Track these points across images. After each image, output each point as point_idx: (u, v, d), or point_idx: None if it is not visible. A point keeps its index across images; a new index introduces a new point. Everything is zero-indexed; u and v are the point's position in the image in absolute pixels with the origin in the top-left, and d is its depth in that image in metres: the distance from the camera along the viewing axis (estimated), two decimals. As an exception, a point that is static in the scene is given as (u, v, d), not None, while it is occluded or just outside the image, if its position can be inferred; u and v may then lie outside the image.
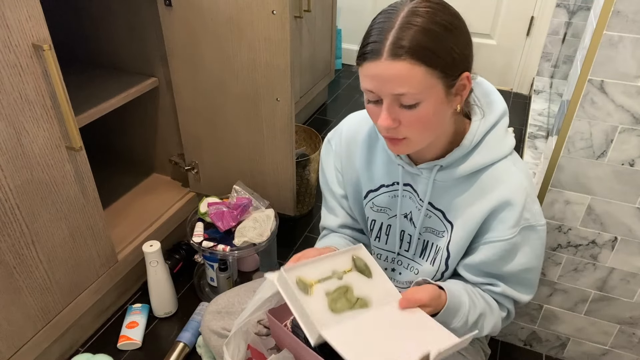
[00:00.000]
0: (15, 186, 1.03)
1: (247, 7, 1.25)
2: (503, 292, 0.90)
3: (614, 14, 0.92)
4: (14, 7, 0.93)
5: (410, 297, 0.78)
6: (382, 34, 0.72)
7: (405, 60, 0.71)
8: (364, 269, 0.82)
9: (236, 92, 1.40)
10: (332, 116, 2.67)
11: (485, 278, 0.91)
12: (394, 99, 0.75)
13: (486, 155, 0.85)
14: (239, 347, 0.93)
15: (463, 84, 0.78)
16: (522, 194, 0.83)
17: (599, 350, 1.36)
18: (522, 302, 0.93)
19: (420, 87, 0.72)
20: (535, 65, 2.77)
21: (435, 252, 0.94)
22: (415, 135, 0.79)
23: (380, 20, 0.75)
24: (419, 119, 0.76)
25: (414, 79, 0.72)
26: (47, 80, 1.03)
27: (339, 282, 0.78)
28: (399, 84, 0.72)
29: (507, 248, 0.85)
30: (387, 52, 0.71)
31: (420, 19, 0.71)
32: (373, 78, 0.74)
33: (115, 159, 1.80)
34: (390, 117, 0.76)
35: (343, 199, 1.04)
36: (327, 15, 2.36)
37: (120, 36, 1.50)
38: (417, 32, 0.71)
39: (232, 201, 1.48)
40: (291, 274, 0.75)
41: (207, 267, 1.51)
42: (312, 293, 0.75)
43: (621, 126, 1.02)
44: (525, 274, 0.89)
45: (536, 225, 0.86)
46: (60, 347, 1.34)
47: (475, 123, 0.85)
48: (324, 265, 0.78)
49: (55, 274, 1.19)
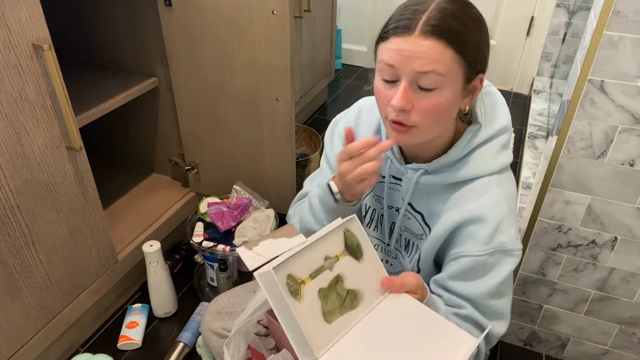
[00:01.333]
0: (15, 186, 1.03)
1: (247, 7, 1.25)
2: (471, 316, 0.84)
3: (614, 14, 0.92)
4: (14, 7, 0.93)
5: (398, 281, 0.76)
6: (415, 14, 0.72)
7: (437, 40, 0.71)
8: (356, 249, 0.79)
9: (236, 92, 1.40)
10: (332, 116, 2.65)
11: (452, 296, 0.86)
12: (413, 80, 0.73)
13: (472, 169, 0.83)
14: (239, 348, 0.93)
15: (475, 85, 0.78)
16: (496, 214, 0.81)
17: (599, 350, 1.36)
18: (494, 335, 0.87)
19: (445, 69, 0.72)
20: (535, 65, 2.77)
21: (414, 252, 0.95)
22: (425, 124, 0.77)
23: (411, 4, 0.75)
24: (434, 106, 0.75)
25: (442, 59, 0.72)
26: (47, 80, 1.03)
27: (331, 273, 0.74)
28: (427, 61, 0.71)
29: (475, 266, 0.82)
30: (419, 28, 0.71)
31: (455, 7, 0.73)
32: (399, 53, 0.73)
33: (115, 159, 1.80)
34: (405, 98, 0.74)
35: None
36: (327, 15, 2.36)
37: (120, 36, 1.50)
38: (451, 17, 0.72)
39: (232, 201, 1.48)
40: (281, 272, 0.68)
41: (207, 267, 1.51)
42: (303, 296, 0.70)
43: (621, 126, 1.02)
44: (494, 298, 0.84)
45: (512, 250, 0.82)
46: (60, 347, 1.34)
47: (469, 134, 0.84)
48: (315, 252, 0.74)
49: (55, 274, 1.19)
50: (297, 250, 0.71)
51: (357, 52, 3.20)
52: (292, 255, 0.70)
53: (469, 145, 0.83)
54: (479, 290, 0.83)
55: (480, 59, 0.76)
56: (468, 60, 0.74)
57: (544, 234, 1.22)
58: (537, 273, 1.29)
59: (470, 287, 0.84)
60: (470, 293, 0.84)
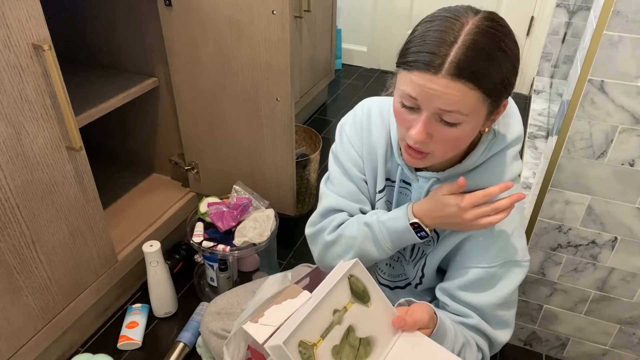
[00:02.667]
0: (15, 186, 1.03)
1: (247, 7, 1.25)
2: (477, 325, 0.85)
3: (614, 14, 0.92)
4: (14, 7, 0.93)
5: (410, 320, 0.75)
6: (442, 46, 0.67)
7: (466, 84, 0.67)
8: (362, 294, 0.77)
9: (236, 92, 1.40)
10: (332, 116, 2.67)
11: (460, 305, 0.86)
12: (435, 113, 0.71)
13: (484, 179, 0.82)
14: (239, 348, 0.93)
15: (499, 110, 0.76)
16: (508, 225, 0.81)
17: (599, 350, 1.36)
18: (498, 343, 0.87)
19: (469, 109, 0.70)
20: (535, 65, 2.77)
21: (420, 257, 0.94)
22: (441, 151, 0.76)
23: (438, 28, 0.69)
24: (455, 138, 0.73)
25: (467, 102, 0.69)
26: (47, 80, 1.03)
27: (341, 327, 0.72)
28: (452, 102, 0.68)
29: (485, 277, 0.82)
30: (447, 70, 0.67)
31: (487, 41, 0.68)
32: (423, 88, 0.69)
33: (115, 159, 1.80)
34: (425, 131, 0.72)
35: (363, 182, 0.97)
36: (327, 15, 2.36)
37: (120, 36, 1.50)
38: (482, 56, 0.67)
39: (232, 201, 1.48)
40: (291, 342, 0.66)
41: (207, 267, 1.51)
42: (317, 359, 0.68)
43: (621, 126, 1.02)
44: (501, 309, 0.85)
45: (521, 261, 0.83)
46: (60, 347, 1.34)
47: (484, 144, 0.82)
48: (323, 309, 0.71)
49: (55, 274, 1.19)
50: (304, 313, 0.69)
51: (357, 52, 3.20)
52: (301, 321, 0.68)
53: (483, 155, 0.82)
54: (488, 301, 0.83)
55: (508, 90, 0.73)
56: (494, 98, 0.71)
57: (544, 234, 1.22)
58: (537, 273, 1.29)
59: (479, 298, 0.84)
60: (479, 303, 0.84)
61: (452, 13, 0.70)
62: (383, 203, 0.96)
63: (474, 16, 0.69)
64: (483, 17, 0.69)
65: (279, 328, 0.68)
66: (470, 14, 0.70)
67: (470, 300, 0.84)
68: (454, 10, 0.71)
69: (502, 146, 0.83)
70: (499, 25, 0.70)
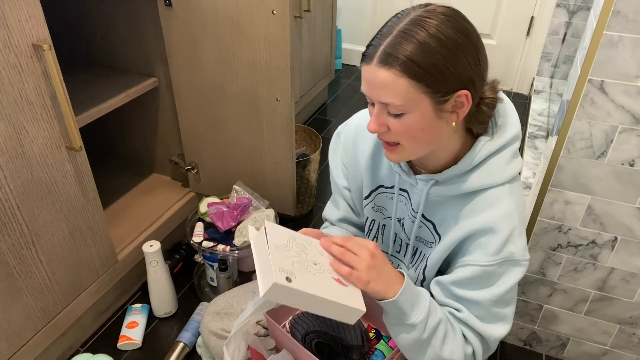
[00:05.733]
0: (15, 186, 1.03)
1: (247, 7, 1.25)
2: (464, 319, 0.84)
3: (614, 14, 0.92)
4: (14, 7, 0.93)
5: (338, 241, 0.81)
6: (381, 39, 0.73)
7: (391, 70, 0.71)
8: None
9: (236, 92, 1.40)
10: (332, 116, 2.67)
11: (452, 300, 0.86)
12: (382, 105, 0.75)
13: (483, 179, 0.82)
14: (239, 348, 0.93)
15: (461, 101, 0.75)
16: (508, 225, 0.81)
17: (599, 350, 1.36)
18: (492, 338, 0.86)
19: (402, 99, 0.72)
20: (535, 65, 2.77)
21: (420, 260, 0.94)
22: (406, 143, 0.79)
23: (387, 23, 0.75)
24: (406, 129, 0.76)
25: (397, 90, 0.72)
26: (47, 80, 1.03)
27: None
28: (384, 92, 0.73)
29: (482, 275, 0.82)
30: (377, 57, 0.72)
31: (420, 31, 0.70)
32: (365, 81, 0.75)
33: (115, 159, 1.80)
34: (377, 122, 0.77)
35: (345, 190, 1.04)
36: (327, 15, 2.36)
37: (120, 36, 1.50)
38: (410, 44, 0.70)
39: (232, 201, 1.48)
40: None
41: (207, 267, 1.51)
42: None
43: (621, 126, 1.02)
44: (496, 306, 0.84)
45: (521, 260, 0.82)
46: (60, 347, 1.34)
47: (479, 144, 0.82)
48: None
49: (55, 274, 1.19)
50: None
51: (357, 52, 3.19)
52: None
53: (479, 156, 0.82)
54: (483, 298, 0.83)
55: (452, 79, 0.72)
56: (430, 86, 0.71)
57: (544, 234, 1.22)
58: (537, 273, 1.29)
59: (474, 295, 0.83)
60: (474, 299, 0.84)
61: (403, 11, 0.75)
62: (370, 209, 1.00)
63: (419, 9, 0.73)
64: (422, 9, 0.73)
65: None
66: (417, 9, 0.74)
67: (464, 296, 0.84)
68: (408, 9, 0.75)
69: (499, 145, 0.83)
70: (443, 15, 0.72)
